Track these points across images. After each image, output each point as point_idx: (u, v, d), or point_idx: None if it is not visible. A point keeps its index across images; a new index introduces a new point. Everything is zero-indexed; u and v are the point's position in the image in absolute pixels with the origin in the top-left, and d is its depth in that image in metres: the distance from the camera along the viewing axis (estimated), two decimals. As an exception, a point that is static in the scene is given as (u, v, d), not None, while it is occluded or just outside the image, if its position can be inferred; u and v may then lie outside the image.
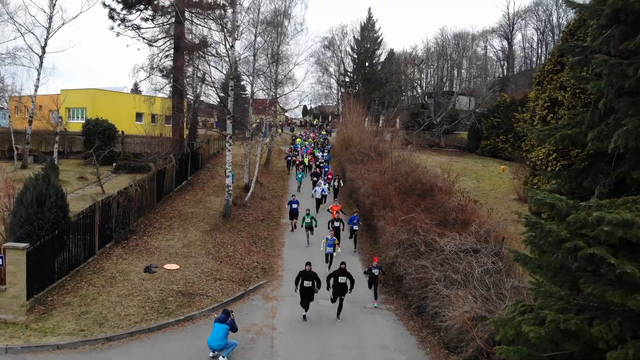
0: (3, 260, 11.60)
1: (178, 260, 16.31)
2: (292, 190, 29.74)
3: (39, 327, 11.45)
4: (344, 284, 13.34)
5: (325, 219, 21.02)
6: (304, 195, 28.17)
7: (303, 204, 22.59)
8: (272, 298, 14.92)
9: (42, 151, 34.32)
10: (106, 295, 13.23)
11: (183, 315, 12.78)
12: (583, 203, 6.63)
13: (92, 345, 11.09)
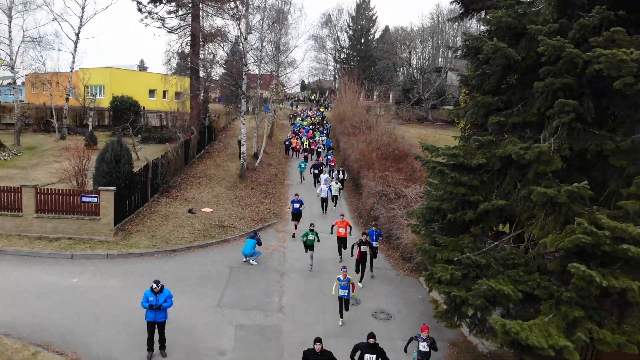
0: (98, 199, 16.84)
1: (210, 205, 21.62)
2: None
3: (124, 244, 16.79)
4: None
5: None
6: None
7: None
8: (281, 231, 20.32)
9: (74, 125, 39.21)
10: (165, 226, 18.56)
11: (221, 239, 18.17)
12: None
13: (163, 254, 16.45)
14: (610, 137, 8.18)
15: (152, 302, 10.42)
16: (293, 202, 19.86)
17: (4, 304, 12.29)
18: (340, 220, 17.08)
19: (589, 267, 7.52)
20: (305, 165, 30.01)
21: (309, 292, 14.73)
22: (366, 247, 14.95)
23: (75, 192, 17.11)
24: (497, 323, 7.96)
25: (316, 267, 16.42)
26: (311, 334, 11.26)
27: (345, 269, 12.63)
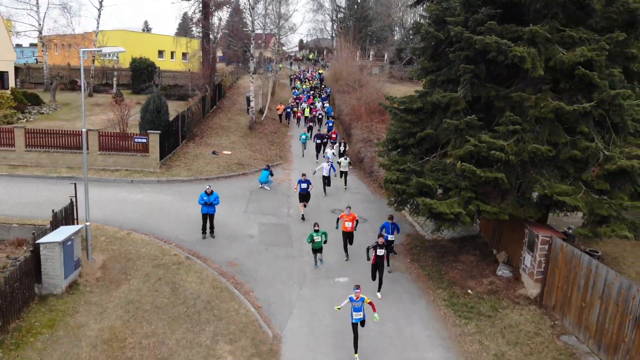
0: (147, 140, 21.96)
1: (228, 149, 26.81)
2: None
3: (168, 173, 22.07)
4: None
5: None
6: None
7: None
8: (286, 169, 25.65)
9: (96, 84, 43.73)
10: (196, 163, 23.82)
11: (240, 172, 23.51)
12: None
13: (199, 181, 21.75)
14: (495, 88, 13.21)
15: (205, 200, 15.77)
16: (300, 182, 18.53)
17: (96, 210, 17.62)
18: (346, 213, 15.17)
19: (474, 166, 12.78)
20: (307, 137, 28.78)
21: (309, 208, 20.13)
22: (383, 250, 13.10)
23: (129, 135, 22.24)
24: (422, 202, 13.30)
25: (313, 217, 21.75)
26: (309, 229, 16.62)
27: (358, 288, 10.47)
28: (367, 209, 20.34)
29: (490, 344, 11.67)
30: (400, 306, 13.28)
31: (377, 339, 11.67)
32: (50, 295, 11.73)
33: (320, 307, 12.96)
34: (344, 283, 14.20)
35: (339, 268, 15.17)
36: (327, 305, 12.88)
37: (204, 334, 11.24)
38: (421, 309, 13.28)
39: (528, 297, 13.37)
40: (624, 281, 10.50)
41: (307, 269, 14.98)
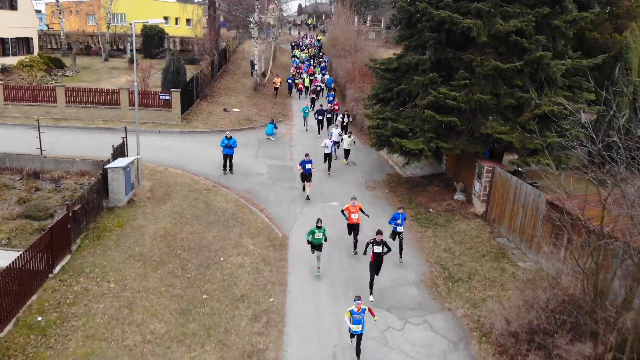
0: (170, 97, 25.68)
1: (237, 107, 30.55)
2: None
3: (189, 126, 25.93)
4: None
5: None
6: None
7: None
8: (288, 125, 29.50)
9: (109, 49, 46.85)
10: (211, 118, 27.63)
11: (249, 126, 27.37)
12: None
13: (215, 133, 25.62)
14: (452, 52, 16.92)
15: (226, 143, 19.70)
16: (304, 163, 18.28)
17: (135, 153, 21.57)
18: (352, 205, 14.69)
19: (435, 113, 16.65)
20: (309, 111, 28.65)
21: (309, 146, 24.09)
22: (380, 247, 12.54)
23: (155, 92, 25.94)
24: (395, 141, 17.25)
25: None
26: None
27: (359, 299, 10.22)
28: (356, 155, 24.30)
29: (441, 243, 15.89)
30: (378, 220, 17.41)
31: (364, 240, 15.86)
32: (115, 207, 15.83)
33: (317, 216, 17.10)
34: (335, 206, 18.30)
35: (331, 195, 19.28)
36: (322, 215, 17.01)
37: (232, 233, 15.42)
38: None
39: (476, 214, 17.53)
40: (536, 192, 14.58)
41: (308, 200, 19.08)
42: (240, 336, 11.23)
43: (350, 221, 14.81)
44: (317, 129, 27.81)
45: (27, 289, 11.03)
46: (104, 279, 12.23)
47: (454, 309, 12.77)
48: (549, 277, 10.73)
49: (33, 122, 24.40)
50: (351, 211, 14.66)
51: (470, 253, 15.07)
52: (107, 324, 10.76)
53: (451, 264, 14.71)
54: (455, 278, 14.00)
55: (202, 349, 10.67)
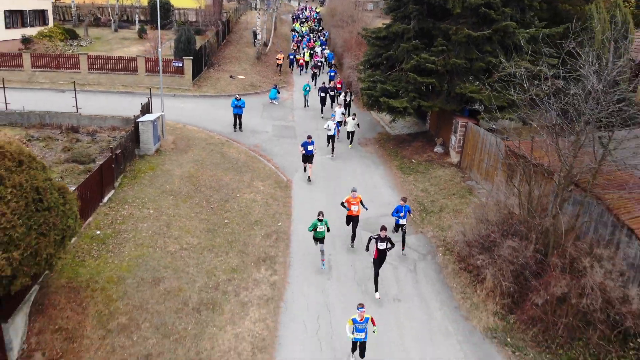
0: (183, 63, 28.27)
1: (242, 74, 33.14)
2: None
3: (200, 91, 28.63)
4: None
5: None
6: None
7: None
8: (289, 90, 32.22)
9: (120, 20, 48.88)
10: (219, 84, 30.28)
11: (254, 92, 30.07)
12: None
13: (224, 97, 28.34)
14: (432, 22, 19.52)
15: (236, 103, 22.47)
16: (305, 145, 18.30)
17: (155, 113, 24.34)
18: (352, 197, 14.35)
19: (417, 75, 19.37)
20: (310, 88, 28.53)
21: (308, 116, 26.90)
22: (384, 244, 12.25)
23: (169, 60, 28.51)
24: (383, 101, 20.05)
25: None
26: (308, 129, 23.35)
27: (363, 307, 9.90)
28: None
29: (420, 185, 18.91)
30: (367, 169, 20.40)
31: (353, 183, 18.84)
32: (145, 155, 18.74)
33: (315, 168, 20.03)
34: (330, 157, 21.21)
35: (327, 149, 22.18)
36: (321, 167, 19.95)
37: (245, 177, 18.41)
38: (381, 170, 20.44)
39: (451, 163, 20.48)
40: (498, 140, 17.47)
41: (307, 150, 21.96)
42: (255, 247, 14.35)
43: (350, 213, 14.42)
44: (320, 107, 27.17)
45: (86, 211, 14.04)
46: (144, 207, 15.25)
47: (426, 232, 15.88)
48: (499, 201, 13.76)
49: (59, 87, 27.13)
50: (351, 203, 14.30)
51: (442, 193, 18.10)
52: (151, 237, 13.83)
53: (426, 200, 17.76)
54: (428, 210, 17.08)
55: (226, 255, 13.78)
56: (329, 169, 19.78)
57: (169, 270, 12.61)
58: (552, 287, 10.77)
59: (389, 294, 12.91)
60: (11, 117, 20.43)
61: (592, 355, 10.67)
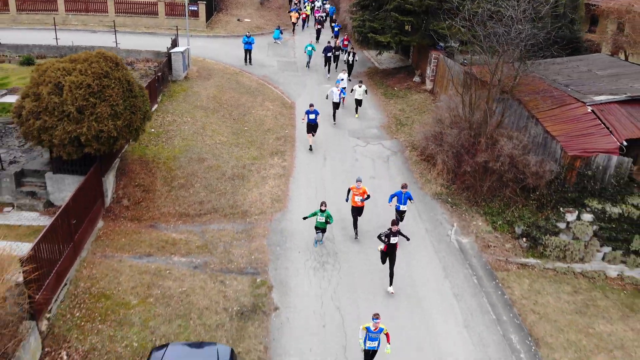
0: (197, 7, 32.04)
1: (248, 18, 36.85)
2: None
3: (213, 32, 32.57)
4: None
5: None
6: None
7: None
8: (290, 37, 36.01)
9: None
10: (229, 26, 34.12)
11: (260, 33, 33.95)
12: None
13: (234, 37, 32.26)
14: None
15: (247, 40, 26.59)
16: (308, 113, 18.30)
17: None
18: (356, 187, 13.88)
19: (399, 15, 23.43)
20: (312, 48, 27.43)
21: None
22: (396, 238, 11.97)
23: (183, 4, 32.21)
24: (371, 36, 24.22)
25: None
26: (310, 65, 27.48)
27: (378, 318, 9.57)
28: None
29: (398, 106, 23.43)
30: (357, 94, 24.81)
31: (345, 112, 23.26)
32: (177, 80, 23.08)
33: (315, 93, 24.42)
34: (329, 86, 25.59)
35: (324, 79, 26.46)
36: (319, 93, 24.33)
37: (257, 99, 22.87)
38: (368, 96, 24.83)
39: (426, 90, 24.90)
40: (459, 66, 21.82)
41: (307, 82, 26.27)
42: (269, 145, 19.07)
43: (353, 204, 14.00)
44: (326, 67, 26.97)
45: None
46: (182, 116, 19.82)
47: (399, 137, 20.58)
48: (450, 106, 18.33)
49: (90, 28, 31.05)
50: (354, 193, 13.89)
51: (415, 111, 22.67)
52: (192, 135, 18.49)
53: (402, 117, 22.37)
54: (402, 123, 21.72)
55: (248, 149, 18.50)
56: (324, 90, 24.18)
57: (209, 155, 17.37)
58: (478, 158, 15.55)
59: (367, 174, 17.71)
60: (62, 50, 24.53)
61: (505, 205, 15.62)
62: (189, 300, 11.64)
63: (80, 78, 12.69)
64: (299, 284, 12.70)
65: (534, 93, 16.88)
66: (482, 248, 14.57)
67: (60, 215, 11.32)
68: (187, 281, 12.22)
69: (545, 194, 14.87)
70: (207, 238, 13.99)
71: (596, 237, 14.30)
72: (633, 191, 14.57)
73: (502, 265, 14.04)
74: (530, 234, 14.56)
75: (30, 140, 13.11)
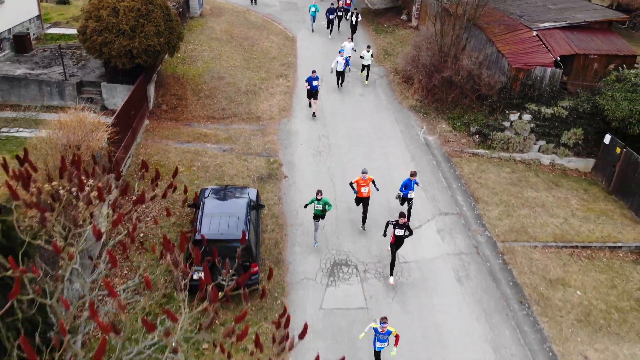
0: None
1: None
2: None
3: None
4: None
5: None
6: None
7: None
8: (292, -23, 38.79)
9: None
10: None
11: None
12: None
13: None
14: None
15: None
16: (310, 80, 18.42)
17: None
18: (362, 178, 13.58)
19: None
20: (317, 9, 26.74)
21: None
22: (402, 230, 12.04)
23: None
24: (363, -22, 27.37)
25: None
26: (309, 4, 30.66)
27: (385, 322, 9.61)
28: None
29: (386, 40, 26.95)
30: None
31: (338, 40, 26.73)
32: (194, 17, 26.46)
33: (316, 37, 27.79)
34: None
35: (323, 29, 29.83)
36: (319, 31, 27.71)
37: (263, 33, 26.37)
38: (361, 32, 28.27)
39: (412, 26, 28.32)
40: (436, 2, 25.19)
41: (307, 19, 29.57)
42: (275, 70, 22.81)
43: (359, 195, 13.76)
44: (329, 29, 26.96)
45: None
46: (201, 45, 23.42)
47: (385, 65, 24.32)
48: (427, 35, 21.94)
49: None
50: (361, 184, 13.62)
51: (401, 44, 26.23)
52: (212, 59, 22.19)
53: (388, 48, 25.99)
54: (389, 54, 25.37)
55: (257, 72, 22.26)
56: (323, 30, 27.55)
57: (227, 74, 21.19)
58: (444, 73, 19.39)
59: (356, 92, 21.58)
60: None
61: (464, 111, 19.62)
62: (222, 169, 15.82)
63: (131, 3, 16.34)
64: (302, 163, 16.87)
65: (493, 22, 20.49)
66: (443, 143, 18.69)
67: (124, 106, 15.29)
68: (219, 158, 16.37)
69: (496, 101, 18.82)
70: (230, 133, 18.05)
71: (533, 132, 18.37)
72: (563, 96, 18.52)
73: (457, 154, 18.21)
74: (481, 132, 18.63)
75: (93, 53, 16.89)
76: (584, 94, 18.39)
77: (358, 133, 18.65)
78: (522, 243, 14.37)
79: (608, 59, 18.69)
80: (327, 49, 25.35)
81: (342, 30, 27.49)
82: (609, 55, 18.69)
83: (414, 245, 13.58)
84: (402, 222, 12.02)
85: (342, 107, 20.40)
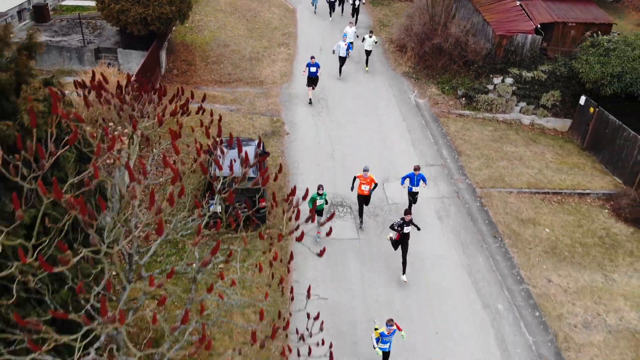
0: None
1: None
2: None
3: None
4: None
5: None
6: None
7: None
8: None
9: None
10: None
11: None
12: None
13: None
14: None
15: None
16: (309, 66, 18.48)
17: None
18: (363, 176, 13.50)
19: None
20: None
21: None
22: (409, 227, 12.03)
23: None
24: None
25: None
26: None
27: (392, 325, 9.71)
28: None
29: (383, 12, 28.31)
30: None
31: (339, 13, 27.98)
32: (198, -10, 27.76)
33: (316, 20, 29.05)
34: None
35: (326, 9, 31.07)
36: (321, 4, 29.03)
37: (265, 5, 27.70)
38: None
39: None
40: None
41: (306, -8, 30.83)
42: (277, 39, 24.27)
43: (360, 192, 13.71)
44: (329, 11, 26.78)
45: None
46: (207, 16, 24.81)
47: (381, 35, 25.71)
48: (419, 6, 23.33)
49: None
50: (361, 182, 13.58)
51: (396, 15, 27.59)
52: (217, 29, 23.64)
53: (384, 19, 27.38)
54: (384, 24, 26.77)
55: (260, 41, 23.72)
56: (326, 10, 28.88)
57: (232, 42, 22.68)
58: (434, 40, 20.89)
59: (353, 59, 23.06)
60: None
61: (452, 76, 21.19)
62: (230, 126, 17.46)
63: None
64: (303, 122, 18.53)
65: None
66: (432, 105, 20.32)
67: (140, 70, 16.88)
68: (226, 117, 17.93)
69: (481, 66, 20.36)
70: (236, 95, 19.67)
71: (515, 95, 19.97)
72: (543, 61, 20.06)
73: (445, 114, 19.85)
74: (467, 94, 20.22)
75: (111, 20, 18.37)
76: (561, 59, 19.93)
77: (354, 97, 20.24)
78: (499, 189, 16.14)
79: (586, 27, 20.16)
80: (327, 26, 26.70)
81: (346, 15, 26.89)
82: (587, 24, 20.16)
83: (401, 191, 15.32)
84: (407, 220, 12.05)
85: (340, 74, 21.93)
